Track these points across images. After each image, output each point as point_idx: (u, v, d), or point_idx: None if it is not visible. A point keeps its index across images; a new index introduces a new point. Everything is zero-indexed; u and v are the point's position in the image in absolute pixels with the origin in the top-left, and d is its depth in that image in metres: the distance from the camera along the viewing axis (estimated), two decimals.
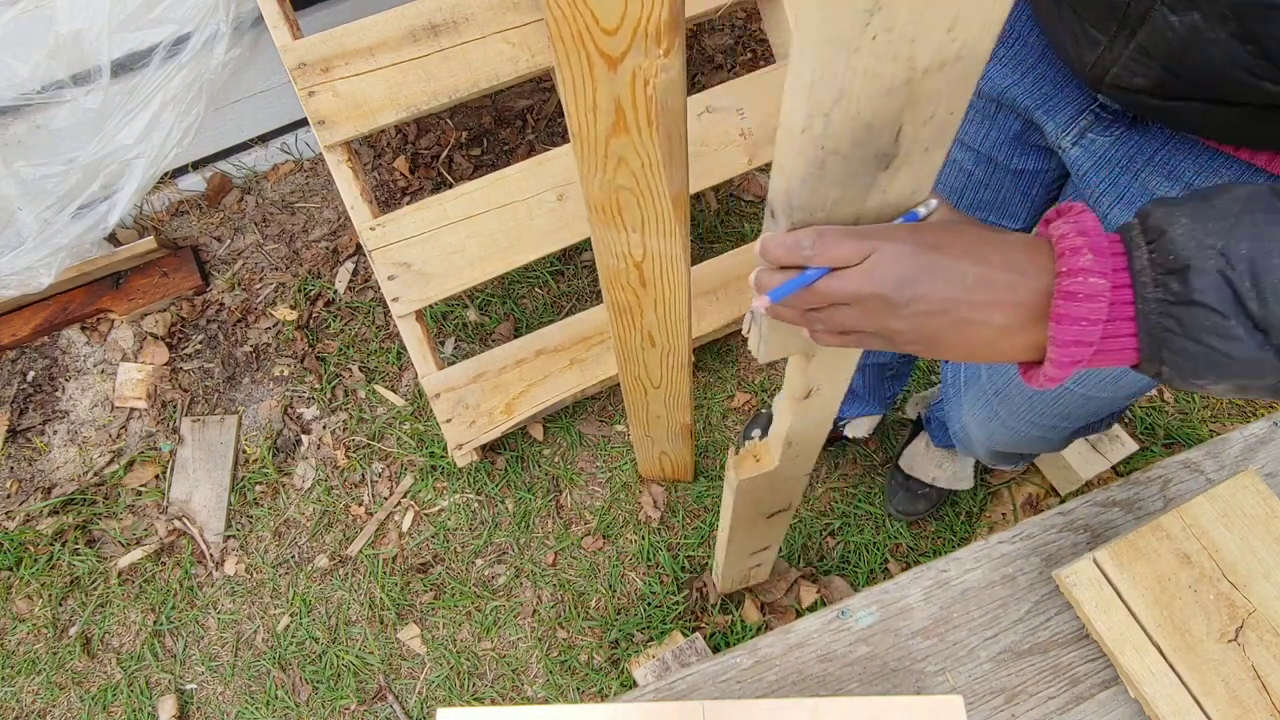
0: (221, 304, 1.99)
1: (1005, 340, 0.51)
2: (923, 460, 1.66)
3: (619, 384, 1.45)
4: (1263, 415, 1.84)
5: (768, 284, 0.54)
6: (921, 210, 0.53)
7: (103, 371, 1.93)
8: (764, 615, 1.67)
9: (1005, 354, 0.52)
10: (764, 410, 1.82)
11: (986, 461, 1.30)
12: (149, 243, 1.94)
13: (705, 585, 1.69)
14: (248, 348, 1.96)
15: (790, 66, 0.43)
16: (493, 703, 1.63)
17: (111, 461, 1.85)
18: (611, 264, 0.99)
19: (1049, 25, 0.77)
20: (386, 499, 1.81)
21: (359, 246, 2.05)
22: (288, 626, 1.70)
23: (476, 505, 1.80)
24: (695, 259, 1.84)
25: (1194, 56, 0.60)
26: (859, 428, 1.74)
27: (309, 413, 1.90)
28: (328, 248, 2.06)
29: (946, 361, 1.21)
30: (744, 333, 0.68)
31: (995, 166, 0.97)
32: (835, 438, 1.78)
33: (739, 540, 1.23)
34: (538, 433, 1.86)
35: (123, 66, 1.57)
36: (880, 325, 0.52)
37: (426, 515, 1.79)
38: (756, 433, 1.78)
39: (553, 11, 0.65)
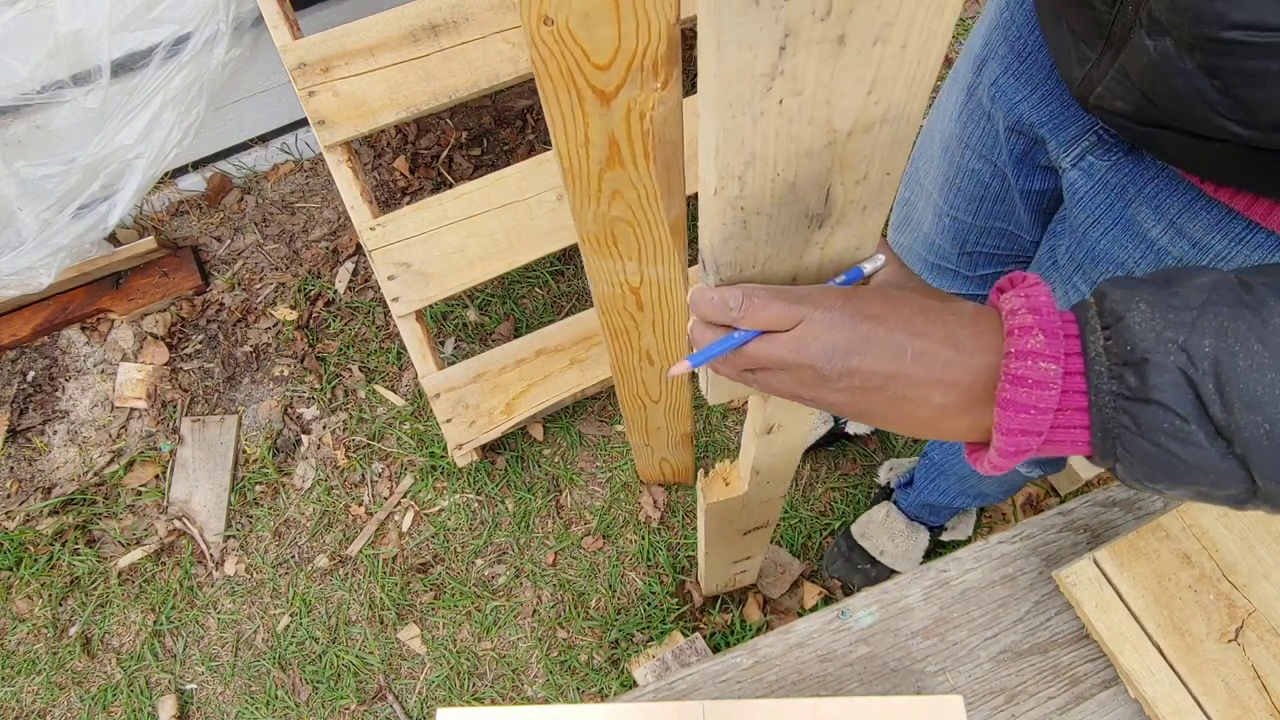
0: (221, 304, 2.00)
1: (946, 420, 0.48)
2: (877, 529, 1.62)
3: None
4: None
5: (700, 339, 0.51)
6: (867, 267, 0.50)
7: (103, 371, 1.93)
8: (765, 615, 1.67)
9: (947, 434, 0.49)
10: None
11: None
12: (149, 243, 1.94)
13: (689, 589, 1.69)
14: (248, 348, 1.96)
15: (700, 126, 0.40)
16: (493, 703, 1.63)
17: (111, 461, 1.85)
18: (607, 291, 0.95)
19: (1050, 38, 0.76)
20: (386, 499, 1.81)
21: (359, 246, 2.05)
22: (288, 626, 1.70)
23: (476, 505, 1.80)
24: (695, 258, 1.84)
25: (1165, 85, 0.59)
26: (860, 425, 1.74)
27: (309, 413, 1.90)
28: (328, 248, 2.06)
29: None
30: (696, 381, 0.67)
31: (1007, 183, 0.97)
32: (835, 436, 1.77)
33: (718, 552, 1.22)
34: (538, 433, 1.86)
35: (123, 66, 1.57)
36: (814, 395, 0.49)
37: (426, 515, 1.79)
38: None
39: (538, 49, 0.60)
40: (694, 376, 1.84)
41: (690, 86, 2.13)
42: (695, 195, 2.02)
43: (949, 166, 1.04)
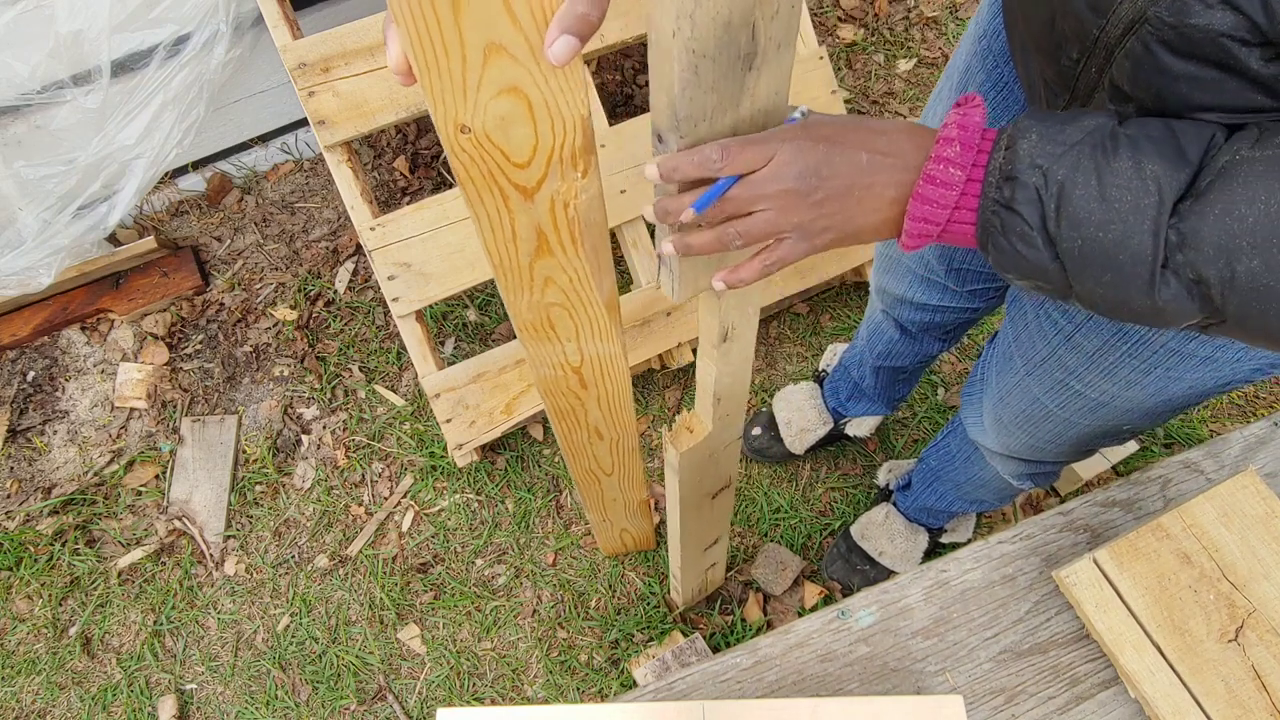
0: (221, 304, 2.00)
1: (895, 209, 0.58)
2: (876, 530, 1.62)
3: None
4: (1263, 416, 1.84)
5: (674, 207, 0.58)
6: (797, 115, 0.59)
7: (103, 371, 1.93)
8: (765, 615, 1.67)
9: (897, 224, 0.59)
10: (764, 409, 1.82)
11: (1006, 471, 1.28)
12: (149, 243, 1.94)
13: (660, 603, 1.68)
14: (248, 348, 1.96)
15: None
16: (493, 703, 1.63)
17: (111, 461, 1.85)
18: (549, 375, 0.95)
19: (1022, 76, 0.77)
20: (386, 499, 1.81)
21: (359, 246, 2.05)
22: (288, 626, 1.70)
23: (476, 505, 1.80)
24: None
25: None
26: (861, 426, 1.74)
27: (309, 413, 1.90)
28: (328, 248, 2.06)
29: (976, 365, 1.20)
30: (656, 281, 0.70)
31: None
32: (835, 437, 1.77)
33: (691, 530, 1.22)
34: (538, 433, 1.86)
35: (123, 66, 1.57)
36: (794, 220, 0.58)
37: (426, 515, 1.79)
38: (757, 430, 1.78)
39: (458, 157, 0.61)
40: (692, 371, 1.83)
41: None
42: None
43: None
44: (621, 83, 2.22)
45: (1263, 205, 0.49)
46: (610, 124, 1.71)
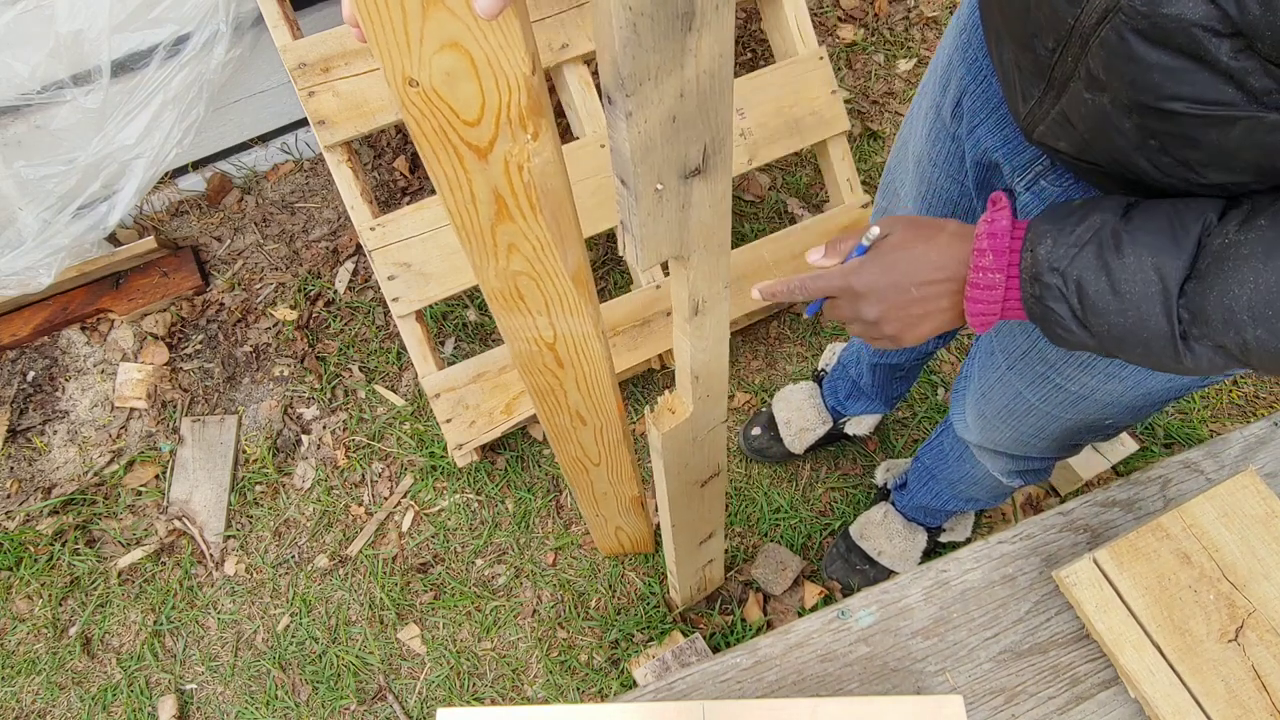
0: (221, 304, 2.00)
1: (946, 315, 0.73)
2: (875, 530, 1.62)
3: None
4: (1263, 415, 1.84)
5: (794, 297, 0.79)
6: (866, 242, 0.74)
7: (103, 371, 1.93)
8: (765, 615, 1.67)
9: (949, 323, 0.74)
10: (764, 409, 1.82)
11: (995, 468, 1.28)
12: (149, 243, 1.94)
13: (660, 603, 1.68)
14: (248, 348, 1.96)
15: None
16: (493, 703, 1.63)
17: (111, 461, 1.85)
18: (524, 349, 0.96)
19: (998, 68, 0.77)
20: (386, 499, 1.81)
21: (359, 246, 2.05)
22: (288, 626, 1.70)
23: (476, 505, 1.80)
24: None
25: (1104, 138, 0.64)
26: (860, 425, 1.74)
27: (309, 413, 1.90)
28: (328, 248, 2.06)
29: (964, 365, 1.21)
30: (620, 251, 0.72)
31: (973, 203, 0.99)
32: (836, 436, 1.77)
33: (683, 521, 1.22)
34: (538, 433, 1.86)
35: (123, 66, 1.57)
36: (858, 314, 0.75)
37: (426, 515, 1.79)
38: (756, 430, 1.78)
39: (409, 111, 0.62)
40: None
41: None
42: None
43: (920, 181, 1.05)
44: None
45: (1252, 285, 0.56)
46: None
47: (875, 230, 0.73)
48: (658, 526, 1.72)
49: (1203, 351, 0.61)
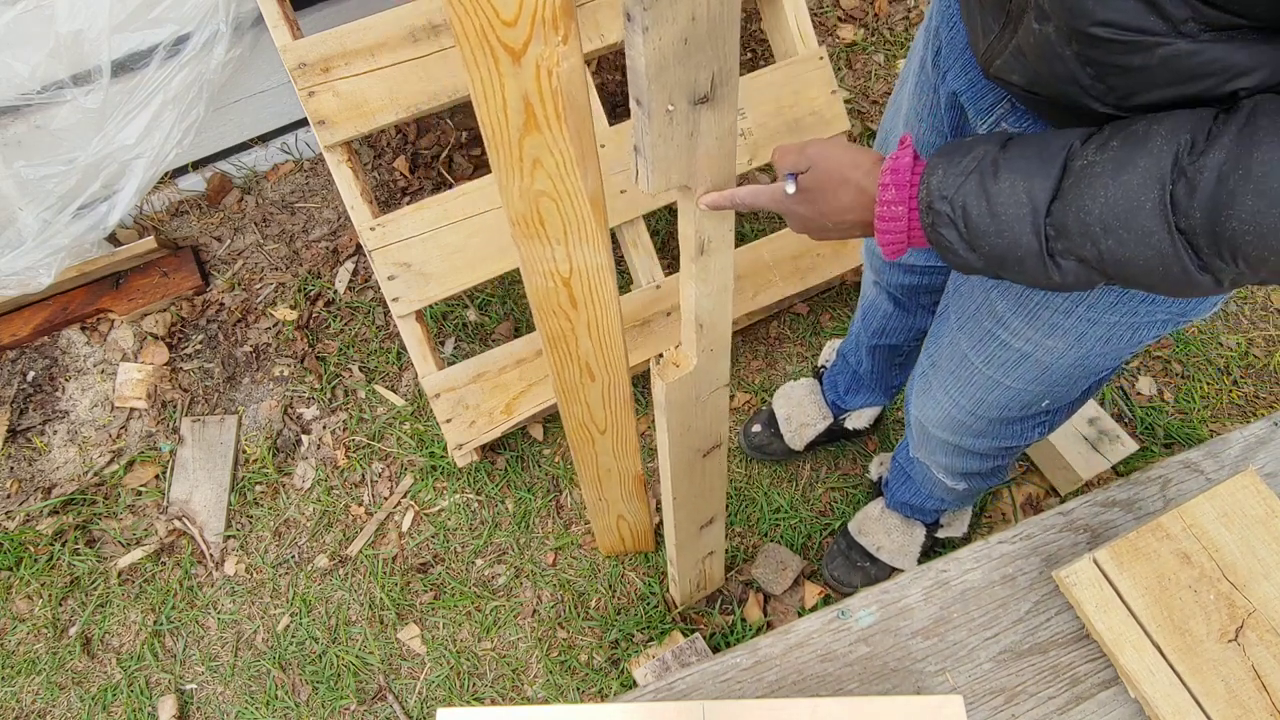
0: (221, 304, 2.00)
1: (858, 230, 0.79)
2: (873, 525, 1.63)
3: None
4: (1263, 415, 1.84)
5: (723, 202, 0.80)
6: (790, 188, 0.79)
7: (103, 371, 1.93)
8: (766, 615, 1.67)
9: (857, 235, 0.81)
10: (764, 408, 1.82)
11: (935, 465, 1.31)
12: (149, 243, 1.94)
13: (660, 603, 1.68)
14: (248, 348, 1.96)
15: None
16: (493, 703, 1.63)
17: (111, 461, 1.85)
18: (540, 284, 1.00)
19: (964, 8, 0.83)
20: (386, 499, 1.81)
21: (359, 246, 2.05)
22: (288, 626, 1.70)
23: (476, 505, 1.80)
24: None
25: (1048, 67, 0.69)
26: (860, 419, 1.74)
27: (309, 413, 1.90)
28: (328, 248, 2.06)
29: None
30: (632, 180, 0.77)
31: None
32: (836, 434, 1.77)
33: (684, 495, 1.22)
34: (538, 433, 1.86)
35: (123, 66, 1.57)
36: (790, 223, 0.84)
37: (426, 515, 1.79)
38: (757, 427, 1.78)
39: (455, 9, 0.68)
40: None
41: None
42: None
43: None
44: (622, 83, 2.22)
45: (1103, 200, 0.62)
46: (610, 124, 1.71)
47: (790, 184, 0.80)
48: (658, 525, 1.72)
49: (1068, 266, 0.66)
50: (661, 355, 0.98)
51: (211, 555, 1.76)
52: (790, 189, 0.79)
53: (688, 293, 0.87)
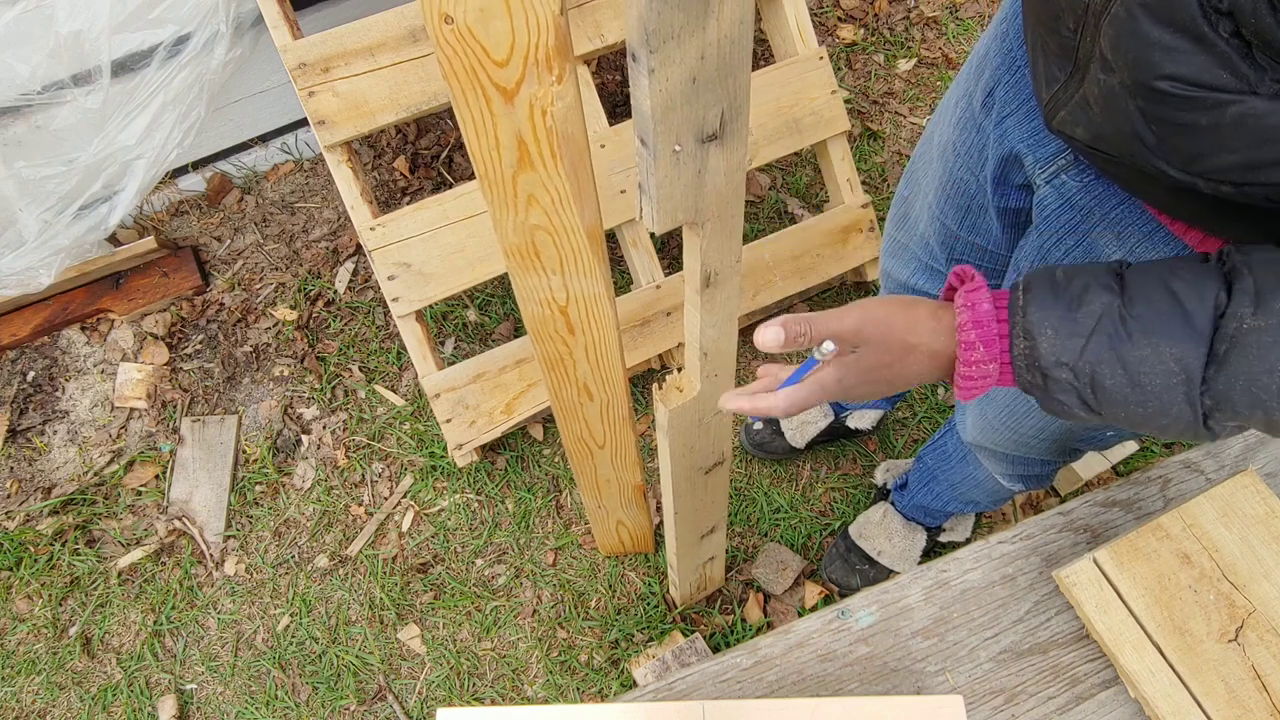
0: (221, 304, 2.00)
1: (926, 381, 0.71)
2: (874, 529, 1.62)
3: None
4: None
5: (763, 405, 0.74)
6: (818, 357, 0.70)
7: (103, 371, 1.93)
8: (766, 615, 1.67)
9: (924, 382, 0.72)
10: None
11: (996, 471, 1.28)
12: (149, 243, 1.94)
13: (660, 603, 1.68)
14: (248, 348, 1.96)
15: None
16: (493, 703, 1.63)
17: (111, 461, 1.85)
18: (537, 312, 0.98)
19: (1030, 55, 0.78)
20: (386, 499, 1.81)
21: (359, 246, 2.05)
22: (288, 626, 1.70)
23: (476, 505, 1.80)
24: None
25: (1114, 123, 0.64)
26: (862, 419, 1.74)
27: (309, 413, 1.90)
28: (328, 248, 2.06)
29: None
30: (636, 216, 0.73)
31: (987, 199, 0.98)
32: (837, 432, 1.77)
33: (686, 510, 1.22)
34: (538, 433, 1.86)
35: (123, 67, 1.57)
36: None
37: (426, 515, 1.79)
38: (758, 424, 1.79)
39: (443, 49, 0.65)
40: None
41: None
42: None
43: (943, 171, 1.05)
44: (621, 83, 2.22)
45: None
46: (610, 124, 1.71)
47: (829, 346, 0.68)
48: (659, 526, 1.72)
49: (1224, 428, 0.61)
50: (664, 378, 0.95)
51: (211, 555, 1.76)
52: (826, 353, 0.68)
53: (692, 321, 0.85)
